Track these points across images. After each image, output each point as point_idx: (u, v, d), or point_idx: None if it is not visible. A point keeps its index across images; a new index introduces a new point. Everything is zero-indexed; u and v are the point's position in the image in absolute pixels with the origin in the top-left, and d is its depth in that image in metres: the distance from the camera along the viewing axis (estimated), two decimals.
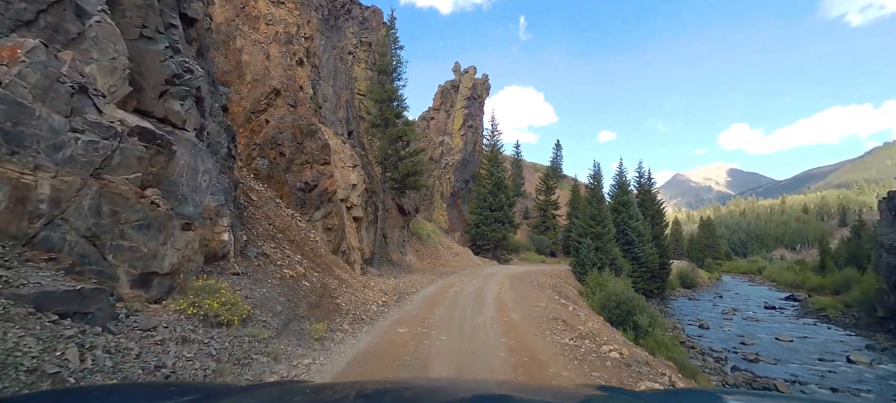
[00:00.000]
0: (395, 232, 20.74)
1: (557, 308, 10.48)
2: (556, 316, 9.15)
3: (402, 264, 20.01)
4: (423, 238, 25.38)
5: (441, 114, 40.15)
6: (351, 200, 13.52)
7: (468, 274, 19.37)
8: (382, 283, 12.36)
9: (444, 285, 14.01)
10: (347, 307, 7.83)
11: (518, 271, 22.98)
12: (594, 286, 25.14)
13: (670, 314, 31.62)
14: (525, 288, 14.23)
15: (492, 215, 33.21)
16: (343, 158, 13.42)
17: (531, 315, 9.12)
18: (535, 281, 16.93)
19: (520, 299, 11.34)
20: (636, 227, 35.92)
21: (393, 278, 14.84)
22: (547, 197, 55.07)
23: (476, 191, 35.60)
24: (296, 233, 8.95)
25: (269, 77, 11.23)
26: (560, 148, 77.15)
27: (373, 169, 17.55)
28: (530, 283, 15.80)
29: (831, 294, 42.42)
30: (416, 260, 22.71)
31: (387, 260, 18.80)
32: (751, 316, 31.29)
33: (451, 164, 38.98)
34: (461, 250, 29.68)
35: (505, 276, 17.73)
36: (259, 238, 7.32)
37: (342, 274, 9.68)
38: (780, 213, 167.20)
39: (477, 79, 42.29)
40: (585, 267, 28.89)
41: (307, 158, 10.51)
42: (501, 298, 11.25)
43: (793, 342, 21.91)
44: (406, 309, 9.12)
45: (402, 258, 21.10)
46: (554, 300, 12.00)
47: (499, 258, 33.55)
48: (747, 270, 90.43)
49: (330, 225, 10.73)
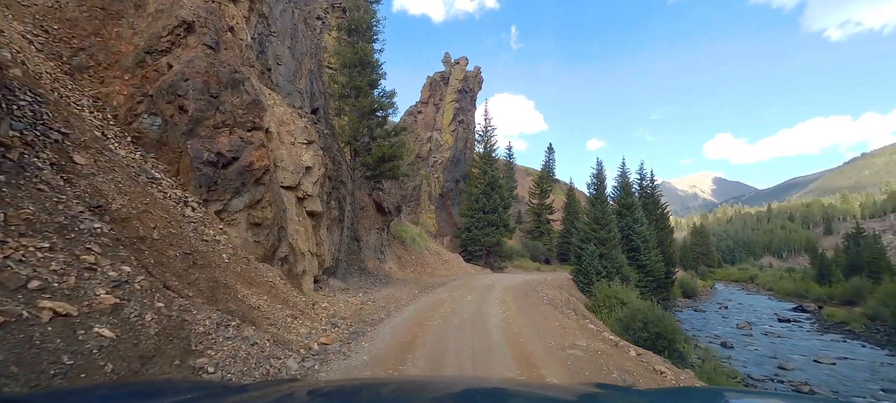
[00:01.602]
0: (371, 235, 17.17)
1: (608, 351, 6.98)
2: (620, 368, 5.69)
3: (380, 273, 16.42)
4: (408, 242, 21.85)
5: (429, 108, 36.71)
6: (304, 188, 10.00)
7: (460, 285, 15.91)
8: (340, 304, 8.85)
9: (430, 303, 10.53)
10: (225, 360, 4.31)
11: (517, 281, 19.61)
12: (603, 299, 22.10)
13: (682, 328, 28.48)
14: (536, 306, 10.84)
15: (485, 218, 29.81)
16: (294, 132, 9.92)
17: (574, 366, 5.65)
18: (544, 295, 13.56)
19: (539, 329, 7.94)
20: (641, 232, 32.96)
21: (362, 293, 11.30)
22: (541, 200, 52.17)
23: (467, 192, 32.20)
24: (161, 228, 5.36)
25: (178, 5, 7.70)
26: (552, 151, 74.53)
27: (342, 155, 14.02)
28: (539, 299, 12.42)
29: (840, 304, 40.35)
30: (398, 268, 19.11)
31: (359, 269, 15.18)
32: (769, 330, 28.48)
33: (440, 162, 35.53)
34: (451, 256, 26.17)
35: (505, 289, 14.32)
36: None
37: (261, 296, 6.15)
38: (767, 221, 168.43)
39: (469, 72, 39.03)
40: (589, 275, 25.74)
41: (225, 119, 6.98)
42: (513, 328, 7.81)
43: (835, 365, 19.06)
44: (359, 356, 5.70)
45: (381, 266, 17.48)
46: (589, 332, 8.61)
47: (492, 265, 30.13)
48: (739, 278, 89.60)
49: (259, 220, 7.20)
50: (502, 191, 30.85)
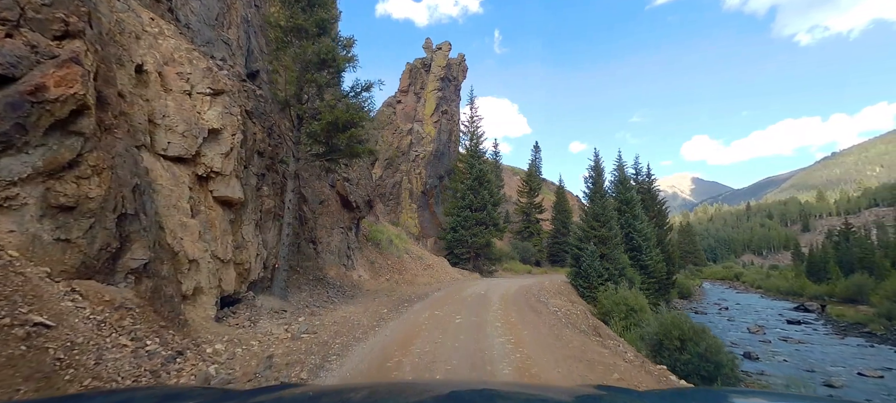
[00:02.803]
0: (334, 236, 13.70)
1: None
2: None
3: (345, 283, 12.96)
4: (384, 245, 18.43)
5: (410, 98, 33.29)
6: (207, 162, 6.61)
7: (446, 297, 12.57)
8: (253, 341, 5.50)
9: (403, 331, 7.21)
10: None
11: (513, 288, 16.44)
12: (611, 306, 19.16)
13: None
14: (553, 328, 7.62)
15: (473, 216, 26.56)
16: (191, 75, 6.53)
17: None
18: (554, 308, 10.36)
19: (574, 374, 4.71)
20: (642, 230, 30.29)
21: (305, 317, 7.89)
22: (530, 199, 49.41)
23: (453, 188, 28.90)
24: None
25: None
26: (539, 150, 71.96)
27: (279, 125, 10.45)
28: (551, 315, 9.21)
29: (842, 302, 38.92)
30: (371, 276, 15.64)
31: (315, 280, 11.69)
32: (785, 334, 26.08)
33: (422, 157, 32.15)
34: (435, 260, 22.81)
35: (504, 301, 11.07)
36: None
37: (58, 343, 2.82)
38: (747, 220, 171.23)
39: (452, 59, 35.79)
40: (589, 279, 22.79)
41: (5, 11, 3.59)
42: (539, 379, 4.57)
43: (884, 378, 16.59)
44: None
45: (347, 274, 14.00)
46: (633, 365, 5.43)
47: (481, 269, 26.89)
48: (724, 276, 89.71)
49: (71, 200, 3.76)
50: (491, 186, 27.70)
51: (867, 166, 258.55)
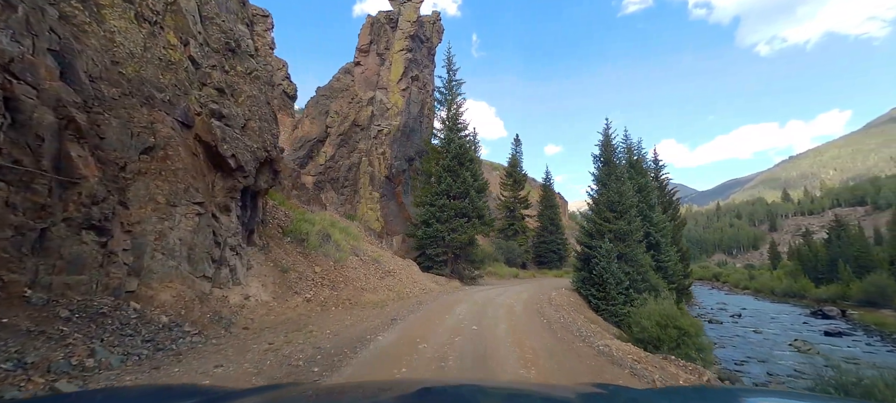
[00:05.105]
0: (182, 223, 6.79)
1: None
2: None
3: (201, 317, 6.02)
4: (311, 243, 11.63)
5: (371, 59, 26.39)
6: None
7: (408, 337, 6.01)
8: None
9: None
10: None
11: (517, 306, 10.13)
12: (657, 333, 13.34)
13: (718, 351, 19.94)
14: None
15: (451, 206, 20.07)
16: None
17: None
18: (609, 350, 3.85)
19: None
20: (660, 223, 24.63)
21: None
22: (514, 193, 43.58)
23: (426, 171, 22.35)
24: None
25: None
26: (520, 143, 66.01)
27: None
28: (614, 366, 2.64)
29: (859, 306, 35.18)
30: (274, 296, 8.81)
31: (91, 315, 4.46)
32: (844, 353, 20.76)
33: (386, 133, 25.36)
34: (399, 264, 16.13)
35: (517, 341, 4.54)
36: None
37: None
38: (716, 220, 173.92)
39: (425, 16, 29.09)
40: (605, 288, 16.73)
41: None
42: None
43: None
44: None
45: (214, 297, 7.00)
46: None
47: (462, 275, 20.41)
48: (701, 276, 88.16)
49: None
50: (475, 168, 21.32)
51: (821, 169, 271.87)
